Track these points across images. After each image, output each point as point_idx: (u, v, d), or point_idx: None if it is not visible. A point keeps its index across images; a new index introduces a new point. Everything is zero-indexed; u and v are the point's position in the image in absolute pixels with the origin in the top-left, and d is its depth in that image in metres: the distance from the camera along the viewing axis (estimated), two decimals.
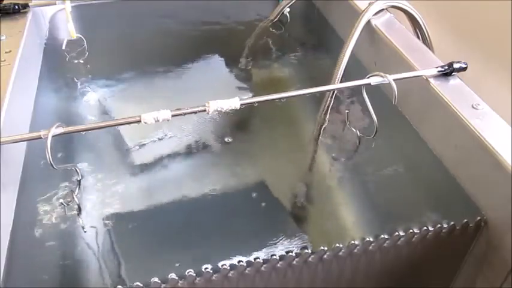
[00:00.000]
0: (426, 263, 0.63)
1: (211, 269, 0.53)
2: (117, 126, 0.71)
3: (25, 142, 0.67)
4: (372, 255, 0.58)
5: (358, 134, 0.73)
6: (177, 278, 0.52)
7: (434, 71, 0.70)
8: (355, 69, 0.82)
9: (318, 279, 0.59)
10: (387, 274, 0.63)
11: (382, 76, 0.66)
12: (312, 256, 0.55)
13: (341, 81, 0.77)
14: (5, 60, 0.74)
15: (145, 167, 0.71)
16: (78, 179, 0.66)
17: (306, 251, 0.55)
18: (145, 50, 1.00)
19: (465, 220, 0.59)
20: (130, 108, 0.84)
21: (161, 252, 0.58)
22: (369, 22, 0.83)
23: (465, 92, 0.68)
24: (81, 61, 0.93)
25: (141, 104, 0.85)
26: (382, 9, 0.85)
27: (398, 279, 0.64)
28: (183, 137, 0.76)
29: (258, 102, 0.64)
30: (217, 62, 0.95)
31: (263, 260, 0.54)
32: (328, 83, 0.78)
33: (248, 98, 0.63)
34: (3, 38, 0.81)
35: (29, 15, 0.89)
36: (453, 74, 0.71)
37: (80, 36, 0.93)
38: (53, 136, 0.57)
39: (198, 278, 0.52)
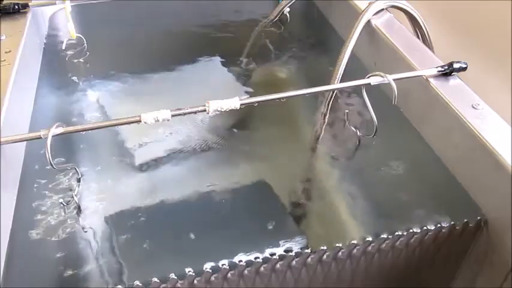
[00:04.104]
0: (426, 263, 0.63)
1: (211, 269, 0.53)
2: (117, 126, 0.71)
3: (25, 142, 0.67)
4: (371, 255, 0.58)
5: (358, 133, 0.73)
6: (176, 277, 0.52)
7: (434, 71, 0.70)
8: (355, 69, 0.81)
9: (318, 279, 0.58)
10: (387, 274, 0.63)
11: (382, 76, 0.66)
12: (312, 256, 0.55)
13: (341, 81, 0.77)
14: (5, 60, 0.74)
15: (145, 167, 0.70)
16: (78, 177, 0.66)
17: (306, 250, 0.55)
18: (145, 49, 1.00)
19: (465, 220, 0.59)
20: (130, 108, 0.84)
21: (161, 252, 0.58)
22: (369, 22, 0.83)
23: (465, 92, 0.68)
24: (81, 61, 0.93)
25: (141, 103, 0.85)
26: (382, 9, 0.85)
27: (399, 279, 0.64)
28: (183, 137, 0.76)
29: (258, 102, 0.64)
30: (217, 62, 0.95)
31: (263, 259, 0.54)
32: (328, 82, 0.78)
33: (248, 98, 0.63)
34: (3, 38, 0.81)
35: (29, 15, 0.89)
36: (453, 74, 0.71)
37: (80, 36, 0.93)
38: (53, 136, 0.56)
39: (197, 278, 0.52)
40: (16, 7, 0.89)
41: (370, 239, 0.57)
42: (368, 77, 0.67)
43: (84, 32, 0.94)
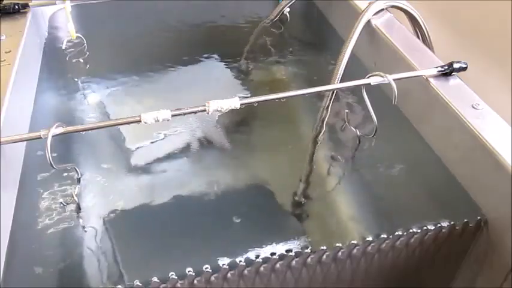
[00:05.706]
0: (426, 263, 0.63)
1: (211, 269, 0.53)
2: (117, 126, 0.71)
3: (25, 142, 0.67)
4: (371, 255, 0.58)
5: (358, 133, 0.73)
6: (176, 277, 0.52)
7: (434, 71, 0.70)
8: (355, 69, 0.81)
9: (318, 279, 0.58)
10: (387, 274, 0.63)
11: (382, 76, 0.66)
12: (312, 256, 0.55)
13: (341, 81, 0.77)
14: (4, 60, 0.74)
15: (145, 167, 0.70)
16: (78, 177, 0.66)
17: (306, 250, 0.55)
18: (145, 49, 1.00)
19: (465, 220, 0.59)
20: (130, 107, 0.84)
21: (161, 252, 0.58)
22: (369, 22, 0.83)
23: (465, 92, 0.68)
24: (81, 61, 0.93)
25: (141, 103, 0.85)
26: (382, 9, 0.85)
27: (399, 279, 0.64)
28: (182, 137, 0.76)
29: (258, 102, 0.64)
30: (217, 62, 0.95)
31: (263, 259, 0.54)
32: (328, 82, 0.78)
33: (248, 98, 0.63)
34: (3, 38, 0.81)
35: (29, 15, 0.89)
36: (453, 74, 0.71)
37: (80, 36, 0.93)
38: (53, 136, 0.56)
39: (197, 278, 0.52)
40: (16, 7, 0.89)
41: (370, 239, 0.57)
42: (368, 77, 0.67)
43: (84, 32, 0.94)
